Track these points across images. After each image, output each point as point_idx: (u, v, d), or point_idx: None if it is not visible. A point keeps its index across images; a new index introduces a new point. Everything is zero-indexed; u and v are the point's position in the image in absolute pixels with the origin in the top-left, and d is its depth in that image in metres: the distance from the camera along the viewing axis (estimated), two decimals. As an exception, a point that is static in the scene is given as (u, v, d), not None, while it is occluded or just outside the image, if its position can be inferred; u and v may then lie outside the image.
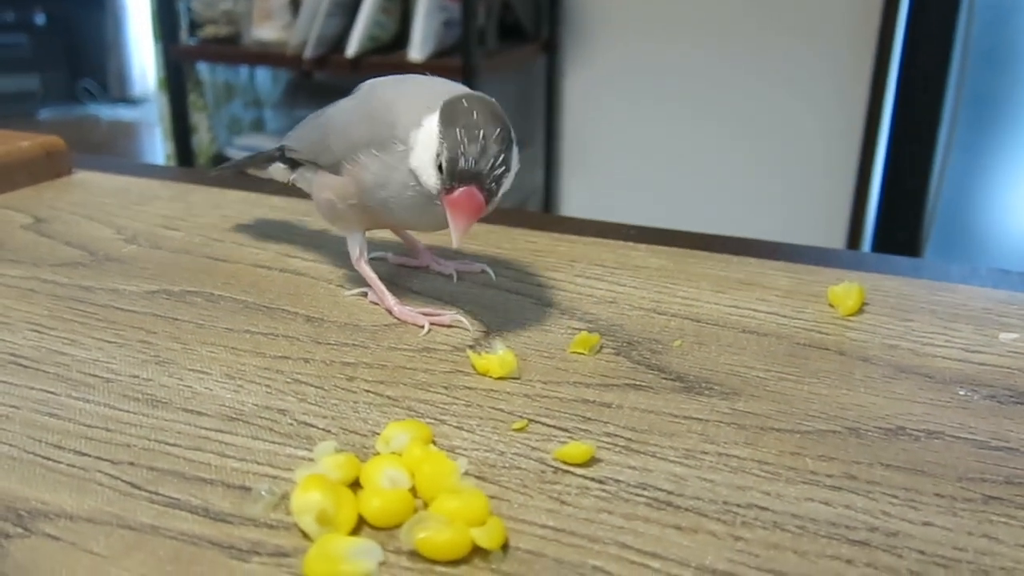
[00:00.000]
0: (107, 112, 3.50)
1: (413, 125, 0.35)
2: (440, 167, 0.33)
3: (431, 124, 0.34)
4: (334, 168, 0.39)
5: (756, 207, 1.57)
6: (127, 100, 3.60)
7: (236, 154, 1.69)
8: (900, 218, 1.50)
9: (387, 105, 0.37)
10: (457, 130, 0.33)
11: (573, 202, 1.67)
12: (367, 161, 0.37)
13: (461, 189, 0.33)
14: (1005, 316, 0.39)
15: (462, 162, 0.33)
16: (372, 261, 0.42)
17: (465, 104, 0.34)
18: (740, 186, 1.58)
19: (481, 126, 0.33)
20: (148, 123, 3.37)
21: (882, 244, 1.51)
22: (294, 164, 0.43)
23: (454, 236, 0.33)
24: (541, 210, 1.60)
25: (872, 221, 1.53)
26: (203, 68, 1.69)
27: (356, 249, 0.41)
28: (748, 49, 1.51)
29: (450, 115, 0.34)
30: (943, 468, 0.28)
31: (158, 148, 3.07)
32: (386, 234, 0.47)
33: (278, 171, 0.44)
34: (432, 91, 0.36)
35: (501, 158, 0.33)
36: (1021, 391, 0.33)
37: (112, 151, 3.01)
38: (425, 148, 0.34)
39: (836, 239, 1.54)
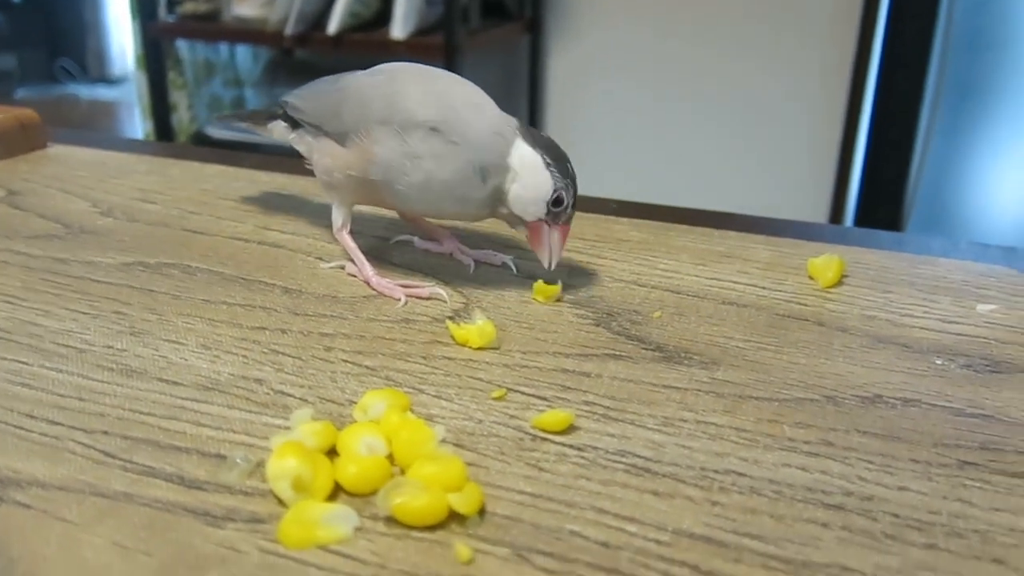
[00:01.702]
0: (85, 92, 3.45)
1: (495, 142, 0.37)
2: (555, 203, 0.36)
3: (531, 154, 0.36)
4: (340, 137, 0.38)
5: (739, 189, 1.57)
6: (106, 80, 3.55)
7: (216, 133, 1.67)
8: (881, 199, 1.51)
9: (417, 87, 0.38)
10: (567, 171, 0.37)
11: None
12: (383, 136, 0.37)
13: (558, 227, 0.37)
14: (984, 288, 0.40)
15: (568, 201, 0.37)
16: (361, 235, 0.41)
17: (551, 140, 0.37)
18: (723, 167, 1.58)
19: (572, 169, 0.37)
20: (127, 103, 3.33)
21: (863, 222, 1.51)
22: (295, 124, 0.42)
23: (550, 261, 0.38)
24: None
25: (854, 203, 1.54)
26: (182, 46, 1.67)
27: (340, 219, 0.40)
28: (732, 29, 1.51)
29: (554, 153, 0.37)
30: (919, 435, 0.28)
31: (138, 127, 3.03)
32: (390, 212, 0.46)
33: (278, 128, 0.44)
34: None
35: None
36: (997, 360, 0.33)
37: (91, 130, 2.97)
38: (530, 179, 0.36)
39: (818, 218, 1.54)
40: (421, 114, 0.37)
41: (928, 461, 0.27)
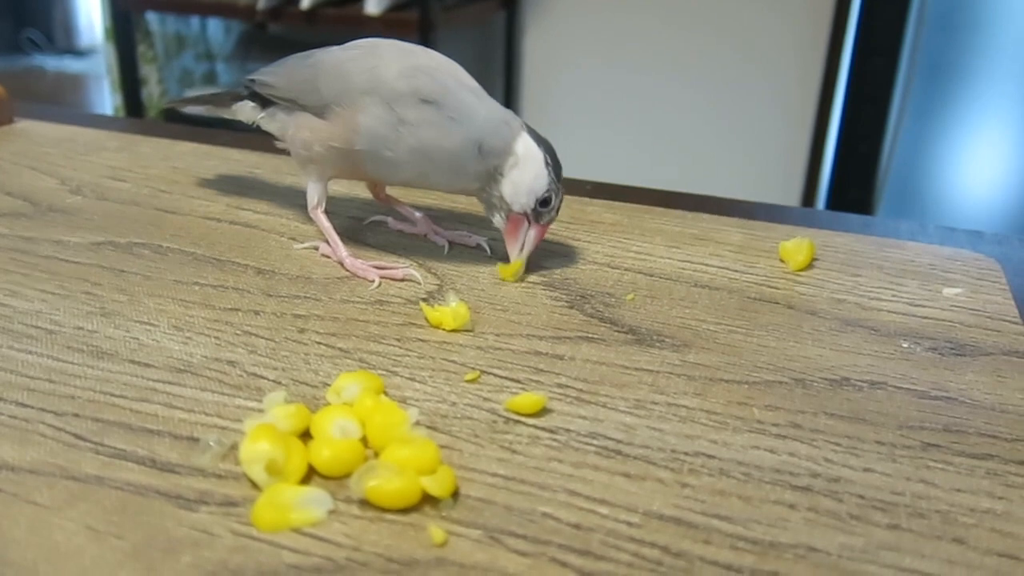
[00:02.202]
0: (53, 63, 3.38)
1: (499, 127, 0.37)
2: (543, 203, 0.37)
3: (535, 149, 0.37)
4: (319, 110, 0.38)
5: (714, 167, 1.58)
6: (73, 51, 3.48)
7: (187, 108, 1.64)
8: (853, 179, 1.52)
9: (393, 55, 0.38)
10: (559, 177, 0.38)
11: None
12: (368, 105, 0.37)
13: (538, 225, 0.38)
14: (950, 272, 0.40)
15: (555, 204, 0.38)
16: (336, 216, 0.41)
17: (551, 145, 0.38)
18: (698, 146, 1.58)
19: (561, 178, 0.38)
20: (95, 75, 3.26)
21: (835, 204, 1.53)
22: (264, 104, 0.42)
23: (518, 254, 0.38)
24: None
25: (826, 183, 1.55)
26: (153, 19, 1.64)
27: (315, 197, 0.40)
28: (707, 10, 1.51)
29: (554, 158, 0.38)
30: (885, 417, 0.29)
31: (107, 101, 2.98)
32: (364, 192, 0.46)
33: (244, 110, 0.43)
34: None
35: None
36: (961, 343, 0.34)
37: (58, 103, 2.92)
38: (529, 171, 0.37)
39: (791, 198, 1.56)
40: (407, 85, 0.37)
41: (893, 443, 0.28)
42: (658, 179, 1.59)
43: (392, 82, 0.37)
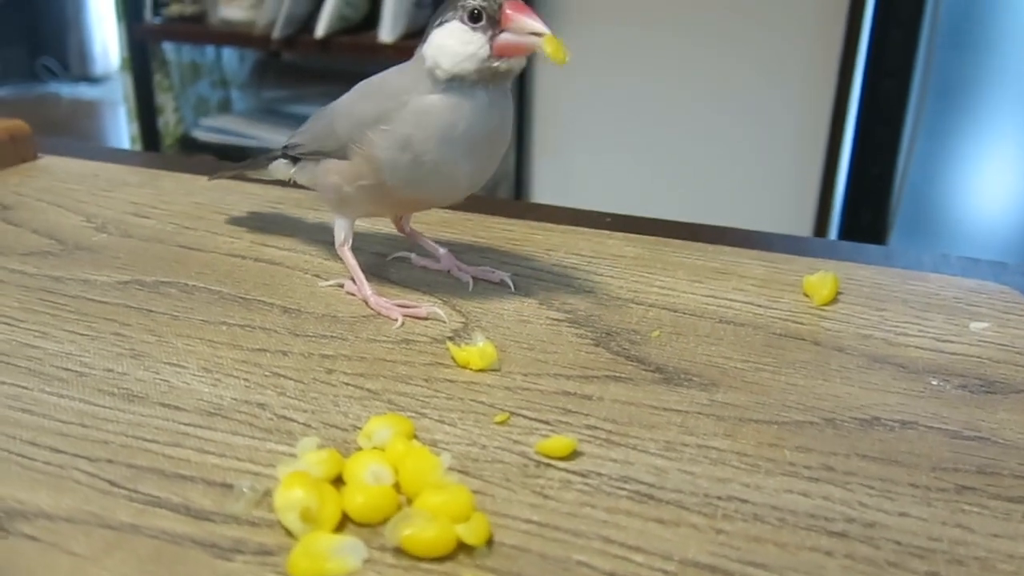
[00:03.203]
0: (67, 90, 3.42)
1: (409, 77, 0.37)
2: (472, 14, 0.35)
3: (430, 41, 0.36)
4: (340, 153, 0.39)
5: (726, 188, 1.58)
6: (88, 78, 3.52)
7: (203, 135, 1.66)
8: (867, 201, 1.52)
9: (381, 79, 0.39)
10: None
11: (544, 186, 1.67)
12: (376, 138, 0.37)
13: (505, 9, 0.34)
14: (975, 305, 0.40)
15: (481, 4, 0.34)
16: (359, 251, 0.41)
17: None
18: (709, 167, 1.59)
19: None
20: (110, 102, 3.30)
21: (849, 226, 1.53)
22: (295, 160, 0.43)
23: (539, 26, 0.35)
24: (512, 195, 1.60)
25: (839, 204, 1.55)
26: (168, 48, 1.65)
27: (342, 234, 0.40)
28: (719, 34, 1.51)
29: (440, 10, 0.36)
30: (917, 458, 0.29)
31: (121, 128, 3.01)
32: (387, 227, 0.46)
33: (279, 168, 0.44)
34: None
35: None
36: (991, 380, 0.34)
37: (73, 130, 2.94)
38: (441, 46, 0.35)
39: (804, 220, 1.56)
40: (394, 99, 0.37)
41: (927, 486, 0.27)
42: (671, 201, 1.59)
43: (385, 103, 0.37)
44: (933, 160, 1.56)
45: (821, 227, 1.56)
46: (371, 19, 1.44)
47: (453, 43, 0.35)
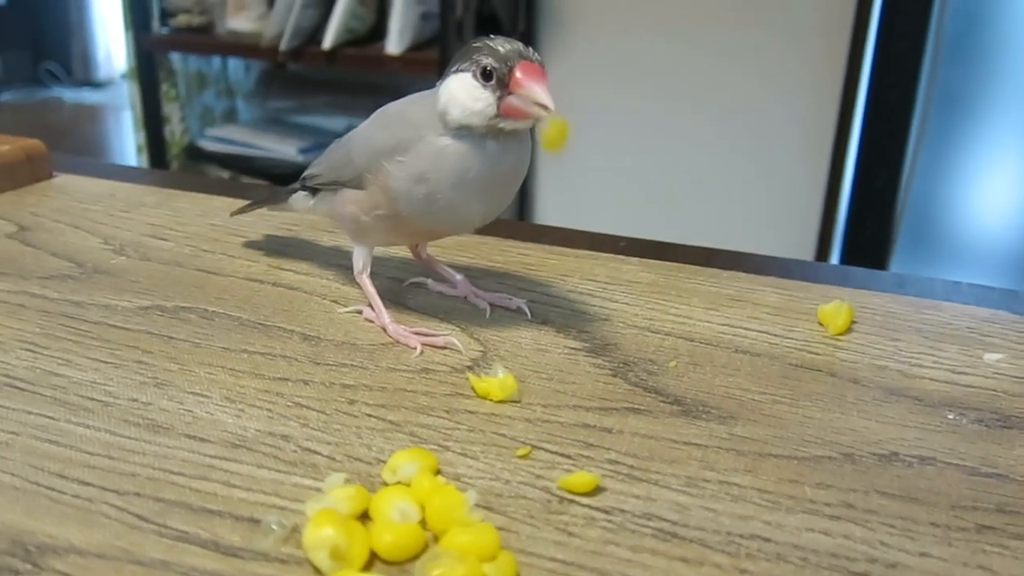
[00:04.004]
0: (70, 95, 3.43)
1: (427, 111, 0.37)
2: (484, 72, 0.35)
3: (445, 85, 0.36)
4: (357, 182, 0.39)
5: (730, 200, 1.58)
6: (91, 83, 3.54)
7: (209, 145, 1.66)
8: (871, 211, 1.53)
9: (399, 109, 0.39)
10: (474, 47, 0.35)
11: (548, 200, 1.68)
12: (392, 169, 0.37)
13: (515, 72, 0.34)
14: (989, 336, 0.40)
15: (501, 49, 0.35)
16: (375, 276, 0.41)
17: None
18: (713, 179, 1.59)
19: (495, 37, 0.36)
20: (113, 107, 3.31)
21: (852, 237, 1.53)
22: (314, 192, 0.43)
23: (545, 99, 0.34)
24: (517, 211, 1.61)
25: (843, 215, 1.55)
26: (175, 57, 1.66)
27: (360, 262, 0.41)
28: (724, 46, 1.52)
29: (461, 54, 0.36)
30: (936, 496, 0.29)
31: (124, 133, 3.02)
32: (403, 253, 0.46)
33: (298, 200, 0.44)
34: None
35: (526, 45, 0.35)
36: (1007, 414, 0.34)
37: (77, 136, 2.95)
38: (453, 96, 0.36)
39: (808, 231, 1.56)
40: (414, 131, 0.37)
41: (947, 525, 0.28)
42: (675, 214, 1.59)
43: (404, 133, 0.37)
44: (937, 171, 1.57)
45: (824, 238, 1.57)
46: (378, 31, 1.45)
47: (464, 97, 0.35)
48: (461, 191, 0.37)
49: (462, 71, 0.36)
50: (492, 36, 0.36)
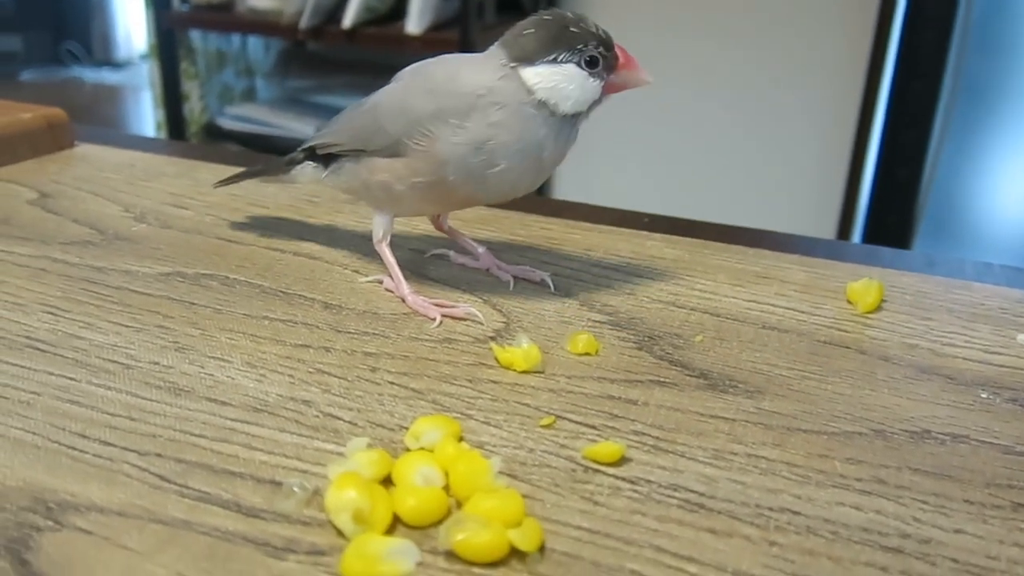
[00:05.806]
0: (91, 75, 3.44)
1: (486, 77, 0.36)
2: (590, 60, 0.36)
3: (539, 70, 0.36)
4: (390, 150, 0.38)
5: (750, 189, 1.57)
6: (111, 63, 3.54)
7: (228, 123, 1.67)
8: (892, 204, 1.51)
9: (448, 76, 0.38)
10: (569, 32, 0.36)
11: (565, 181, 1.67)
12: (447, 134, 0.36)
13: (618, 56, 0.36)
14: (1022, 317, 0.40)
15: (602, 34, 0.36)
16: (397, 247, 0.41)
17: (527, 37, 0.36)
18: (734, 168, 1.58)
19: (570, 17, 0.36)
20: (133, 87, 3.32)
21: (873, 229, 1.51)
22: (326, 161, 0.41)
23: (649, 76, 0.37)
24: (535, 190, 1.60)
25: (864, 207, 1.54)
26: (195, 35, 1.66)
27: (381, 231, 0.40)
28: (745, 35, 1.50)
29: (545, 39, 0.36)
30: (970, 473, 0.29)
31: (143, 112, 3.02)
32: (424, 224, 0.46)
33: (305, 173, 0.42)
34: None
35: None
36: (1041, 395, 0.33)
37: (97, 115, 2.96)
38: (558, 88, 0.36)
39: (828, 222, 1.55)
40: (470, 98, 0.36)
41: (982, 502, 0.27)
42: (698, 195, 1.58)
43: (455, 101, 0.36)
44: (961, 164, 1.55)
45: (844, 229, 1.55)
46: (398, 10, 1.44)
47: (574, 88, 0.36)
48: (519, 162, 0.36)
49: (562, 61, 0.36)
50: (565, 15, 0.36)
